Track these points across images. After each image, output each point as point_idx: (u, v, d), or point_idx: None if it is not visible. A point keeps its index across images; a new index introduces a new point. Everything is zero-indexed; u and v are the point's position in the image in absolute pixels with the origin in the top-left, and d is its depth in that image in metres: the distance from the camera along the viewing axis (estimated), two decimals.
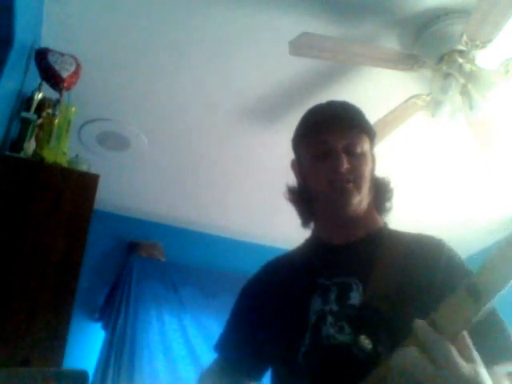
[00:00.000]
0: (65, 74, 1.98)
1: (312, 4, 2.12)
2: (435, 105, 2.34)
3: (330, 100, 1.24)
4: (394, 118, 2.38)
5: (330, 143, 1.13)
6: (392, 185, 1.21)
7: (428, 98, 2.31)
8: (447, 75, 2.16)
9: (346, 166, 1.09)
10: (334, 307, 1.02)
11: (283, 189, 1.30)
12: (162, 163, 3.09)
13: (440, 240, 1.12)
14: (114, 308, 3.02)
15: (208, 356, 3.11)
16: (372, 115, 2.52)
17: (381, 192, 1.19)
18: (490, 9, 1.88)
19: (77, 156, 2.06)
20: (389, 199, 1.20)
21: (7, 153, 1.82)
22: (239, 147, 2.93)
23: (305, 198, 1.21)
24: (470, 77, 2.13)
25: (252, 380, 1.22)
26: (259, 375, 1.22)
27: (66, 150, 1.94)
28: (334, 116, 1.16)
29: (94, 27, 2.25)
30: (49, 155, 1.84)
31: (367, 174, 1.14)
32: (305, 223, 1.24)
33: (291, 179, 1.28)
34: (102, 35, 2.29)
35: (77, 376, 1.14)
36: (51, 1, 2.10)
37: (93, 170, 1.97)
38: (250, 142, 2.88)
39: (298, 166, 1.23)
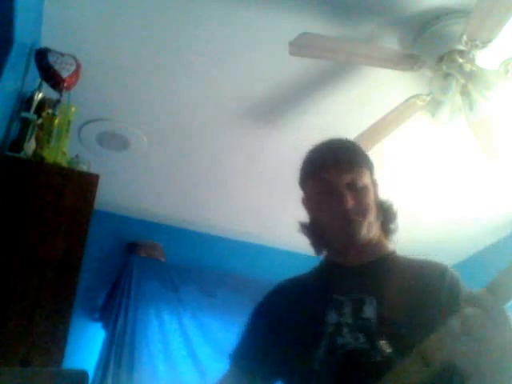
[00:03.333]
0: (65, 74, 1.98)
1: (312, 4, 2.12)
2: (435, 105, 2.34)
3: (330, 139, 1.34)
4: (394, 117, 2.38)
5: (332, 182, 1.22)
6: (395, 207, 1.30)
7: (428, 98, 2.31)
8: (447, 75, 2.16)
9: (350, 202, 1.19)
10: (349, 320, 1.13)
11: (283, 189, 1.35)
12: (162, 163, 3.09)
13: (446, 266, 1.23)
14: (114, 308, 3.02)
15: (208, 355, 3.14)
16: (372, 115, 2.54)
17: (386, 215, 1.29)
18: (489, 9, 1.88)
19: (77, 156, 2.06)
20: (393, 221, 1.30)
21: (7, 153, 1.82)
22: (239, 147, 2.93)
23: (316, 231, 1.32)
24: (470, 77, 2.13)
25: None
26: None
27: (66, 150, 1.94)
28: (334, 156, 1.26)
29: (93, 27, 2.25)
30: (49, 155, 1.84)
31: (371, 204, 1.24)
32: (318, 252, 1.34)
33: (291, 179, 1.33)
34: (101, 35, 2.29)
35: (77, 376, 1.14)
36: (51, 1, 2.10)
37: (93, 170, 1.97)
38: (250, 142, 2.88)
39: (307, 203, 1.35)
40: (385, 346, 1.06)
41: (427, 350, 0.95)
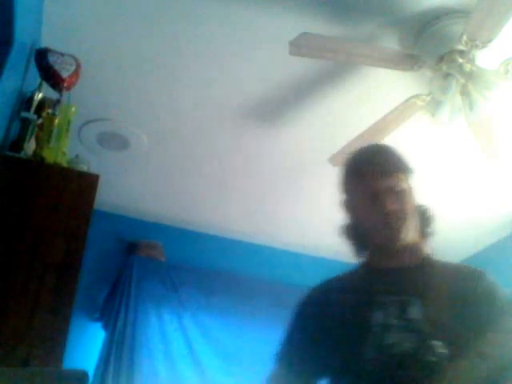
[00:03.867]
0: (65, 74, 1.97)
1: (312, 4, 2.12)
2: (435, 105, 2.34)
3: (369, 145, 1.43)
4: (394, 117, 2.38)
5: (373, 187, 1.28)
6: (432, 211, 1.39)
7: (428, 98, 2.31)
8: (447, 75, 2.16)
9: (390, 206, 1.25)
10: (394, 321, 1.19)
11: (283, 189, 1.37)
12: (162, 163, 3.09)
13: (482, 271, 1.30)
14: (114, 308, 3.02)
15: (208, 355, 3.14)
16: (372, 115, 2.54)
17: (423, 219, 1.36)
18: (489, 9, 1.88)
19: (77, 156, 2.06)
20: (430, 225, 1.38)
21: (7, 153, 1.82)
22: (239, 147, 2.93)
23: (356, 234, 1.37)
24: (470, 77, 2.13)
25: None
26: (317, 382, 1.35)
27: (66, 150, 1.94)
28: (374, 161, 1.32)
29: (93, 27, 2.25)
30: (49, 155, 1.84)
31: (410, 208, 1.30)
32: (358, 255, 1.40)
33: (291, 179, 1.32)
34: (101, 35, 2.29)
35: (77, 376, 1.14)
36: (51, 1, 2.10)
37: (93, 170, 1.97)
38: (250, 142, 2.88)
39: (348, 206, 1.38)
40: (439, 346, 1.12)
41: (485, 348, 1.08)
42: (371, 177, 1.29)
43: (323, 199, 3.28)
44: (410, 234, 1.29)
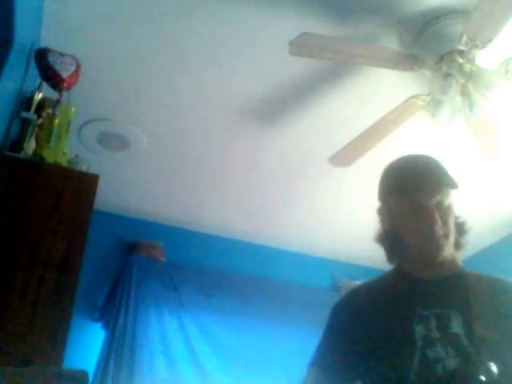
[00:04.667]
0: (65, 74, 1.97)
1: (312, 4, 2.12)
2: (435, 105, 2.34)
3: (415, 155, 1.39)
4: (394, 117, 2.38)
5: (423, 202, 1.28)
6: (468, 225, 1.40)
7: (428, 98, 2.31)
8: (447, 75, 2.16)
9: (439, 222, 1.27)
10: (437, 334, 1.19)
11: (283, 188, 1.36)
12: (162, 163, 3.09)
13: None
14: (114, 308, 3.02)
15: (208, 355, 3.14)
16: (372, 115, 2.54)
17: (459, 232, 1.37)
18: (489, 9, 1.88)
19: (77, 156, 2.06)
20: (464, 237, 1.39)
21: (7, 153, 1.82)
22: (239, 147, 2.93)
23: (394, 243, 1.36)
24: (470, 77, 2.13)
25: None
26: None
27: (66, 150, 1.94)
28: (425, 176, 1.31)
29: (93, 27, 2.25)
30: (49, 155, 1.84)
31: (453, 223, 1.32)
32: (391, 261, 1.40)
33: (291, 179, 1.31)
34: (101, 35, 2.29)
35: (77, 376, 1.14)
36: (51, 1, 2.10)
37: (93, 170, 1.97)
38: (250, 141, 2.89)
39: (388, 215, 1.38)
40: (490, 366, 1.11)
41: None
42: (423, 191, 1.29)
43: (323, 199, 3.28)
44: (450, 247, 1.32)
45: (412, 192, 1.29)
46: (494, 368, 1.11)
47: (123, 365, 2.86)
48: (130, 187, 3.30)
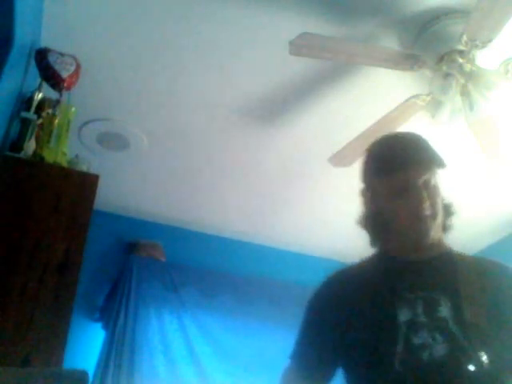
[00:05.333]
0: (65, 74, 1.97)
1: (312, 4, 2.12)
2: (435, 105, 2.34)
3: (399, 133, 1.35)
4: (394, 117, 2.38)
5: (409, 181, 1.21)
6: (455, 207, 1.31)
7: (428, 98, 2.31)
8: (447, 75, 2.16)
9: (426, 202, 1.19)
10: (423, 319, 1.12)
11: (283, 188, 1.34)
12: (162, 163, 3.09)
13: (507, 266, 1.25)
14: (114, 308, 3.01)
15: (208, 356, 3.14)
16: (372, 115, 2.54)
17: (446, 214, 1.29)
18: (490, 9, 1.88)
19: (77, 156, 2.06)
20: (451, 218, 1.30)
21: (7, 153, 1.82)
22: (239, 147, 2.93)
23: (379, 225, 1.29)
24: (470, 77, 2.13)
25: (327, 383, 1.30)
26: (332, 378, 1.29)
27: (66, 150, 1.94)
28: (410, 153, 1.23)
29: (93, 27, 2.25)
30: (49, 155, 1.84)
31: (441, 203, 1.25)
32: (375, 245, 1.33)
33: (291, 179, 1.30)
34: (101, 35, 2.28)
35: (77, 376, 1.14)
36: (51, 1, 2.10)
37: (93, 170, 1.97)
38: (250, 141, 2.88)
39: (372, 197, 1.31)
40: (481, 355, 1.05)
41: None
42: (409, 171, 1.21)
43: (323, 199, 3.28)
44: (438, 229, 1.24)
45: (398, 171, 1.22)
46: (484, 358, 1.05)
47: (123, 365, 2.86)
48: (129, 187, 3.30)
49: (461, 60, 2.13)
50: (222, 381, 3.05)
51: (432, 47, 2.19)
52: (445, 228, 1.28)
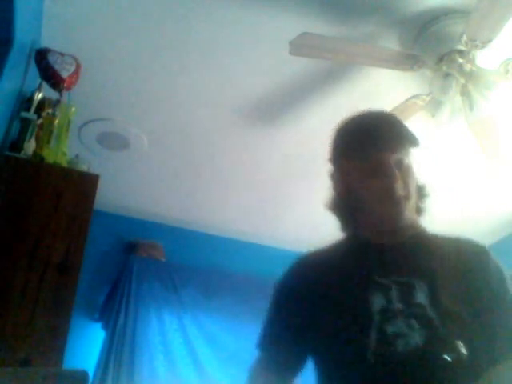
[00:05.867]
0: (65, 74, 1.97)
1: (312, 4, 2.12)
2: (435, 105, 2.34)
3: (368, 110, 1.23)
4: None
5: (380, 160, 1.13)
6: (429, 189, 1.24)
7: (428, 98, 2.31)
8: (447, 75, 2.16)
9: (398, 182, 1.12)
10: (399, 305, 1.05)
11: (283, 188, 1.31)
12: (162, 163, 3.09)
13: (486, 250, 1.18)
14: (114, 308, 3.02)
15: (208, 356, 3.14)
16: None
17: (420, 196, 1.22)
18: (489, 9, 1.88)
19: (77, 156, 2.06)
20: (426, 200, 1.23)
21: (7, 153, 1.82)
22: (239, 147, 2.93)
23: (349, 208, 1.22)
24: (470, 77, 2.13)
25: (296, 375, 1.22)
26: (301, 369, 1.22)
27: (66, 150, 1.94)
28: (381, 131, 1.16)
29: (93, 27, 2.25)
30: (49, 155, 1.84)
31: (414, 184, 1.18)
32: (346, 229, 1.26)
33: (291, 178, 1.28)
34: (101, 35, 2.28)
35: (77, 376, 1.14)
36: (51, 1, 2.10)
37: (93, 170, 1.97)
38: (250, 141, 2.88)
39: (341, 179, 1.24)
40: (459, 345, 0.99)
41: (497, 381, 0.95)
42: (380, 150, 1.13)
43: (323, 199, 3.28)
44: (412, 210, 1.17)
45: (368, 150, 1.14)
46: (462, 347, 0.99)
47: (123, 365, 2.86)
48: (130, 187, 3.30)
49: (461, 60, 2.13)
50: (222, 381, 3.05)
51: (432, 47, 2.19)
52: (419, 210, 1.21)
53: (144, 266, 3.25)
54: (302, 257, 1.28)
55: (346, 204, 1.22)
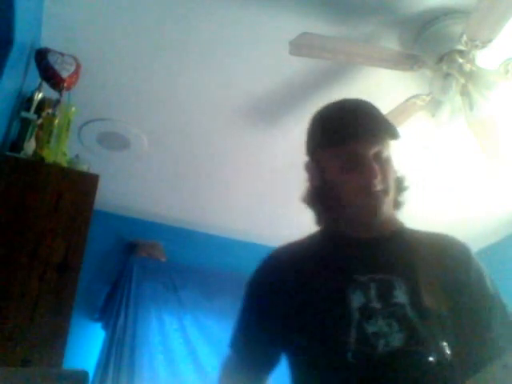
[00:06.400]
0: (65, 74, 1.98)
1: (312, 4, 2.12)
2: (435, 105, 2.34)
3: (346, 99, 1.19)
4: (394, 118, 2.37)
5: (359, 153, 1.08)
6: (407, 181, 1.20)
7: (428, 98, 2.31)
8: (447, 75, 2.16)
9: (378, 175, 1.08)
10: (377, 304, 1.01)
11: (283, 188, 1.30)
12: (162, 163, 3.09)
13: (466, 246, 1.16)
14: (114, 308, 3.02)
15: (208, 356, 3.13)
16: None
17: (398, 190, 1.18)
18: (489, 9, 1.88)
19: (77, 156, 2.06)
20: (403, 194, 1.19)
21: (7, 153, 1.82)
22: (239, 147, 2.93)
23: (326, 201, 1.18)
24: (470, 77, 2.13)
25: (269, 374, 1.19)
26: (274, 368, 1.18)
27: (66, 150, 1.94)
28: (359, 122, 1.11)
29: (93, 27, 2.25)
30: (49, 155, 1.84)
31: (393, 178, 1.14)
32: (321, 222, 1.22)
33: (291, 178, 1.27)
34: (101, 35, 2.28)
35: (77, 376, 1.14)
36: (51, 1, 2.10)
37: (93, 170, 1.97)
38: (250, 141, 2.88)
39: (318, 171, 1.20)
40: (443, 345, 0.97)
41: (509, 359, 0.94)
42: (359, 142, 1.08)
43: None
44: (390, 205, 1.13)
45: (346, 142, 1.09)
46: (445, 348, 0.97)
47: (123, 365, 2.86)
48: (130, 187, 3.30)
49: (461, 60, 2.13)
50: None
51: (432, 47, 2.19)
52: (396, 204, 1.17)
53: (144, 266, 3.25)
54: (275, 250, 1.25)
55: (323, 197, 1.18)
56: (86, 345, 2.95)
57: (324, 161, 1.17)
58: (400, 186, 1.18)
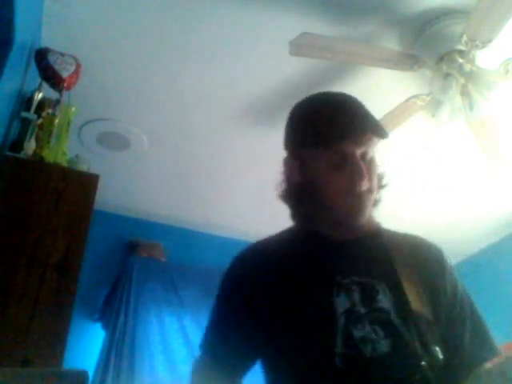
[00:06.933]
0: (65, 74, 1.97)
1: (312, 4, 2.12)
2: (435, 105, 2.34)
3: (330, 94, 1.15)
4: (394, 117, 2.38)
5: (347, 152, 1.04)
6: (386, 179, 1.16)
7: (428, 98, 2.31)
8: (447, 75, 2.16)
9: (364, 176, 1.04)
10: (362, 309, 0.99)
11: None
12: (162, 163, 3.09)
13: (439, 247, 1.15)
14: (114, 308, 3.01)
15: None
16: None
17: (378, 188, 1.14)
18: (489, 9, 1.88)
19: (77, 156, 2.06)
20: (380, 192, 1.15)
21: (7, 153, 1.82)
22: (239, 147, 2.93)
23: (303, 197, 1.13)
24: (470, 77, 2.13)
25: (242, 377, 1.13)
26: (247, 371, 1.13)
27: (66, 150, 1.94)
28: (346, 119, 1.06)
29: (94, 27, 2.25)
30: (49, 155, 1.84)
31: (377, 179, 1.11)
32: (299, 220, 1.17)
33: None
34: (102, 35, 2.29)
35: (77, 376, 1.14)
36: (51, 1, 2.10)
37: (93, 170, 1.97)
38: (251, 141, 2.88)
39: (300, 168, 1.14)
40: (438, 353, 0.96)
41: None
42: (345, 139, 1.03)
43: None
44: (371, 204, 1.10)
45: (333, 142, 1.04)
46: (438, 353, 0.96)
47: (123, 365, 2.86)
48: (130, 187, 3.31)
49: (461, 60, 2.13)
50: None
51: (432, 47, 2.19)
52: (375, 202, 1.13)
53: (144, 266, 3.24)
54: (251, 246, 1.20)
55: (301, 194, 1.13)
56: (86, 345, 2.95)
57: (308, 159, 1.11)
58: (380, 184, 1.14)
